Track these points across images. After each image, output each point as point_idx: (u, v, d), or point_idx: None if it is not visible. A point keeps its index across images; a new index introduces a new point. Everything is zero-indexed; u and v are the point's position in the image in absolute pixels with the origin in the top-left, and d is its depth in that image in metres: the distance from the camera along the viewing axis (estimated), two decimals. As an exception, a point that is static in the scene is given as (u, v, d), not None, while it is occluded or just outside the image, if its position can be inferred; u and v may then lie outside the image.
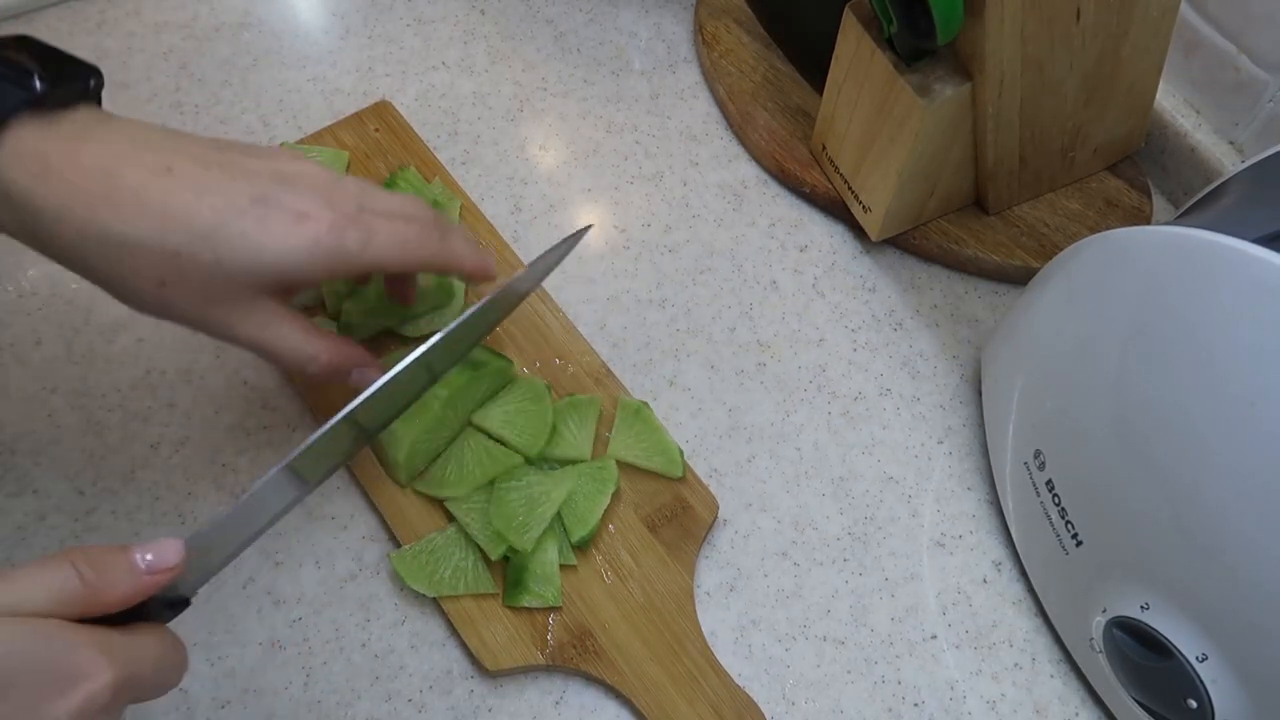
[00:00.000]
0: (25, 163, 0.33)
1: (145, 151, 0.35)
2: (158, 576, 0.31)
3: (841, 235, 0.61)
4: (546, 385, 0.50)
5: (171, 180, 0.35)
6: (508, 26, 0.68)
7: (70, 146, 0.34)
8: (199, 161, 0.36)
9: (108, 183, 0.34)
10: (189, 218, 0.35)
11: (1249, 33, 0.57)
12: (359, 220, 0.38)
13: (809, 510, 0.52)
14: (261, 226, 0.36)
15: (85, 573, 0.29)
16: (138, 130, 0.36)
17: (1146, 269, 0.40)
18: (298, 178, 0.38)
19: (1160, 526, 0.38)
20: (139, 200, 0.34)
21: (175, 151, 0.36)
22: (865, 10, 0.52)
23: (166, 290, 0.36)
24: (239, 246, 0.35)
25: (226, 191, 0.36)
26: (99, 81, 0.37)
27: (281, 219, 0.36)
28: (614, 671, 0.45)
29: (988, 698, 0.47)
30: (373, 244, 0.38)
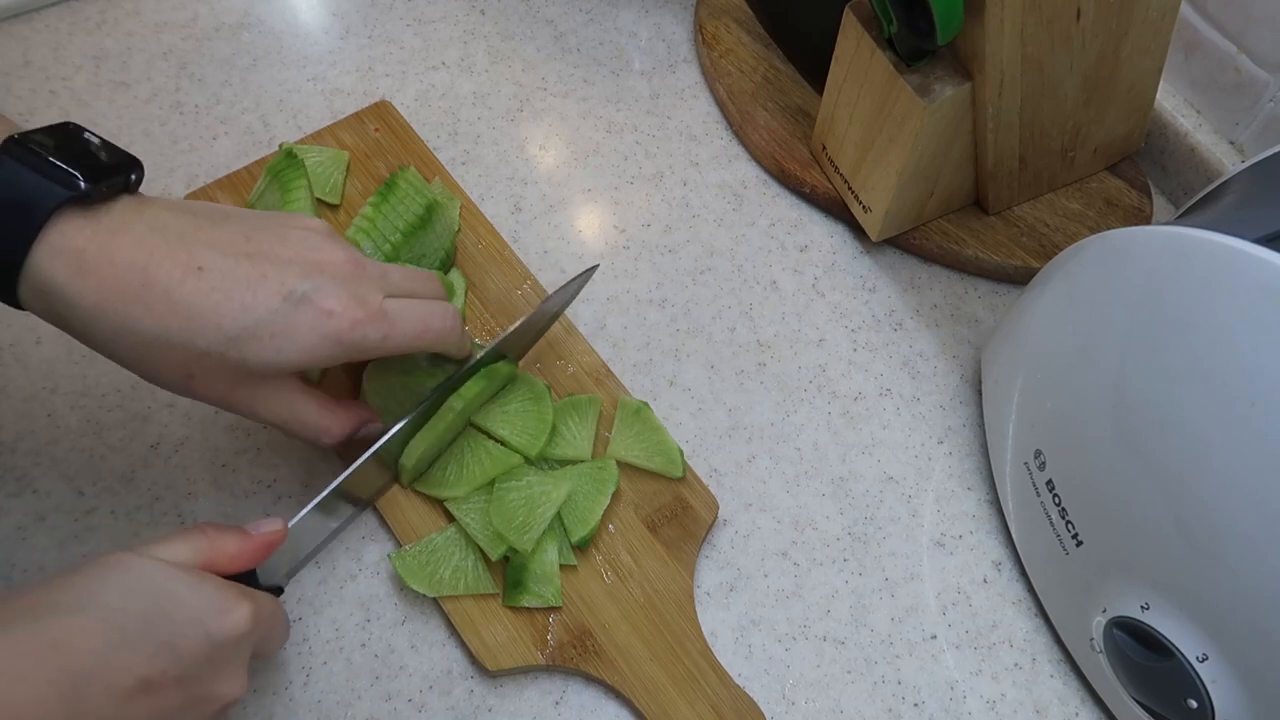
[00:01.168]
0: (64, 259, 0.35)
1: (178, 247, 0.36)
2: (265, 538, 0.39)
3: (841, 235, 0.61)
4: (546, 385, 0.50)
5: (202, 279, 0.36)
6: (508, 26, 0.68)
7: (107, 243, 0.35)
8: (230, 255, 0.37)
9: (140, 281, 0.35)
10: (218, 319, 0.36)
11: (1249, 33, 0.57)
12: (381, 315, 0.40)
13: (809, 510, 0.52)
14: (288, 326, 0.37)
15: (212, 534, 0.37)
16: (172, 220, 0.37)
17: (1146, 269, 0.40)
18: (325, 268, 0.39)
19: (1160, 526, 0.38)
20: (170, 300, 0.36)
21: (207, 246, 0.37)
22: (865, 10, 0.52)
23: (194, 381, 0.38)
24: (268, 346, 0.37)
25: (256, 290, 0.37)
26: (139, 176, 0.38)
27: (307, 319, 0.38)
28: (614, 671, 0.45)
29: (988, 698, 0.47)
30: (392, 337, 0.40)
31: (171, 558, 0.35)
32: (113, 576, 0.33)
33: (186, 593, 0.34)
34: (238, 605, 0.35)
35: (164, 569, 0.34)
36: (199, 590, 0.35)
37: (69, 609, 0.32)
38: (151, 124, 0.61)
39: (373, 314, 0.39)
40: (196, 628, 0.34)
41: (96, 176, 0.35)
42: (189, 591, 0.34)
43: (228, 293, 0.36)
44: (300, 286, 0.37)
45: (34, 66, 0.62)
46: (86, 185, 0.35)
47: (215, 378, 0.38)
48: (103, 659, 0.31)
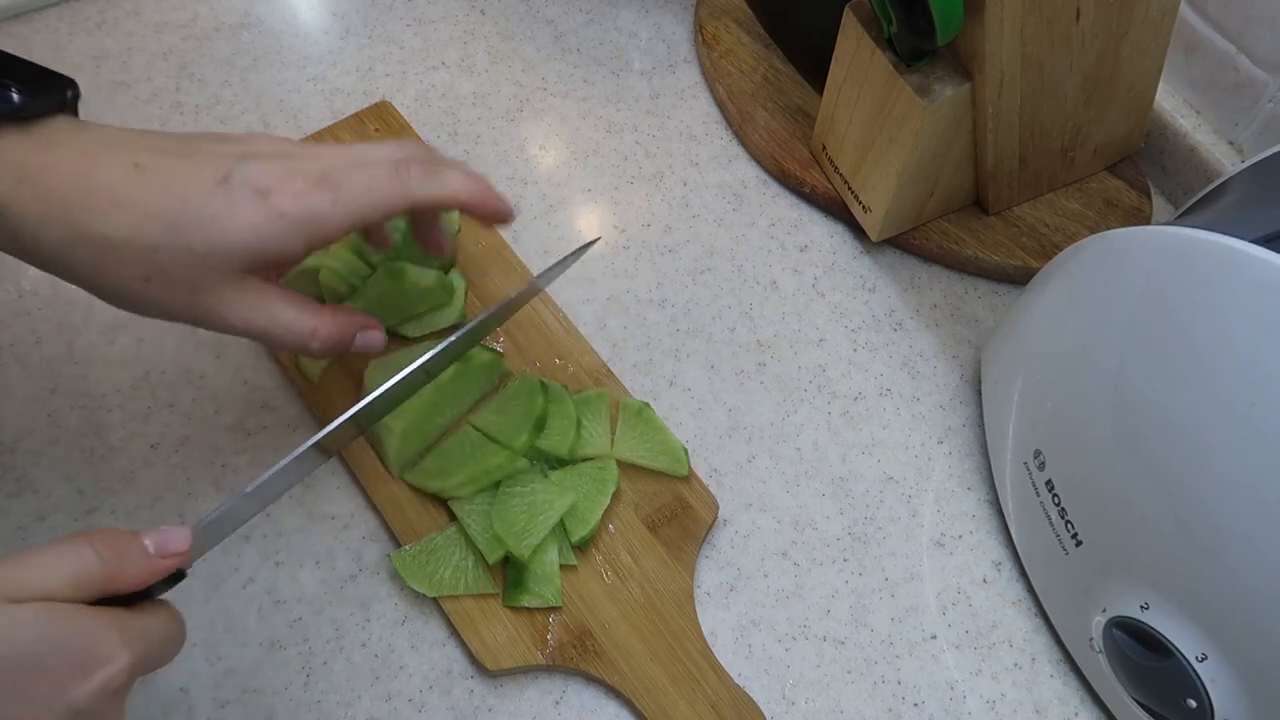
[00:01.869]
0: (4, 173, 0.34)
1: (117, 151, 0.36)
2: (168, 561, 0.33)
3: (841, 235, 0.61)
4: (540, 381, 0.50)
5: (140, 175, 0.35)
6: (508, 26, 0.68)
7: (47, 154, 0.35)
8: (167, 153, 0.36)
9: (83, 185, 0.34)
10: (159, 208, 0.35)
11: (1249, 33, 0.57)
12: (324, 181, 0.37)
13: (809, 510, 0.52)
14: (227, 207, 0.36)
15: (104, 553, 0.31)
16: (111, 133, 0.37)
17: (1146, 269, 0.40)
18: (262, 153, 0.37)
19: (1160, 526, 0.38)
20: (113, 198, 0.35)
21: (145, 148, 0.36)
22: (865, 10, 0.52)
23: (152, 286, 0.36)
24: (210, 230, 0.35)
25: (192, 177, 0.36)
26: (75, 93, 0.37)
27: (245, 197, 0.36)
28: (614, 671, 0.45)
29: (988, 698, 0.47)
30: (341, 200, 0.37)
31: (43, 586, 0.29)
32: None
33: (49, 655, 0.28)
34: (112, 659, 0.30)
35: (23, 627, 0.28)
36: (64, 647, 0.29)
37: None
38: (151, 124, 0.61)
39: (313, 181, 0.37)
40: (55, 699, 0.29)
41: (31, 91, 0.35)
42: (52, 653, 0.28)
43: (166, 184, 0.35)
44: (236, 169, 0.36)
45: (34, 66, 0.62)
46: (20, 99, 0.34)
47: (173, 280, 0.36)
48: None
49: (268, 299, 0.38)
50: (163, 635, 0.32)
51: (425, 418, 0.47)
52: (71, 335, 0.53)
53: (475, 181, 0.41)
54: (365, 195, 0.38)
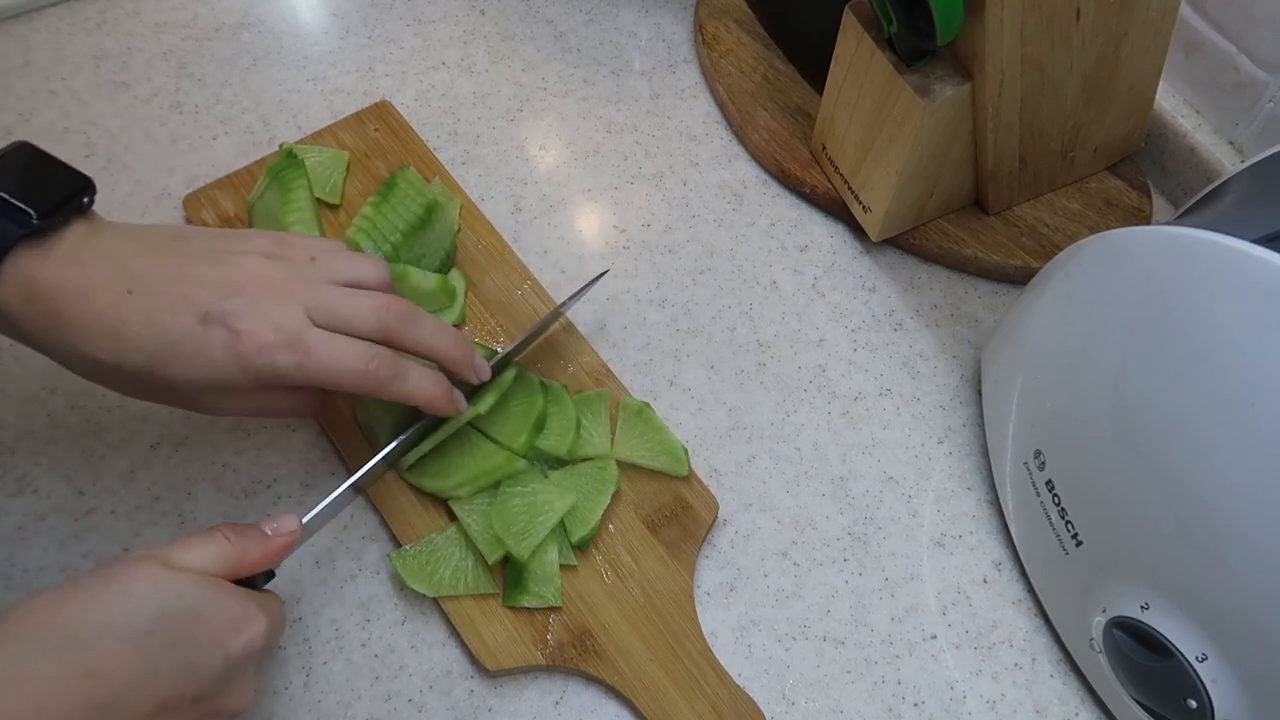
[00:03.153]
0: (16, 288, 0.37)
1: (116, 273, 0.38)
2: (282, 539, 0.39)
3: (841, 235, 0.61)
4: (540, 381, 0.50)
5: (130, 304, 0.38)
6: (508, 26, 0.68)
7: (55, 271, 0.38)
8: (159, 278, 0.39)
9: (80, 307, 0.37)
10: (141, 340, 0.38)
11: (1249, 33, 0.57)
12: (295, 343, 0.39)
13: (809, 510, 0.52)
14: (203, 346, 0.38)
15: (232, 539, 0.37)
16: (117, 246, 0.39)
17: (1146, 269, 0.40)
18: (246, 288, 0.39)
19: (1160, 526, 0.38)
20: (102, 324, 0.38)
21: (142, 271, 0.39)
22: (865, 10, 0.52)
23: (146, 393, 0.40)
24: (185, 367, 0.38)
25: (175, 310, 0.38)
26: (91, 198, 0.40)
27: (220, 338, 0.38)
28: (614, 671, 0.45)
29: (988, 698, 0.47)
30: (305, 367, 0.39)
31: (195, 565, 0.36)
32: (141, 593, 0.33)
33: (209, 611, 0.35)
34: (255, 622, 0.36)
35: (189, 585, 0.34)
36: (221, 608, 0.35)
37: (100, 632, 0.32)
38: (151, 124, 0.61)
39: (285, 339, 0.38)
40: (216, 648, 0.34)
41: (49, 210, 0.38)
42: (211, 610, 0.35)
43: (150, 314, 0.38)
44: (216, 306, 0.38)
45: (34, 66, 0.62)
46: (39, 221, 0.37)
47: (163, 393, 0.39)
48: (130, 686, 0.32)
49: (252, 395, 0.41)
50: (279, 614, 0.38)
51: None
52: (71, 335, 0.53)
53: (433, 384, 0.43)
54: (329, 371, 0.40)
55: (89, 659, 0.32)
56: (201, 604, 0.34)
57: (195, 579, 0.35)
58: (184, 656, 0.34)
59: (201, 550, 0.36)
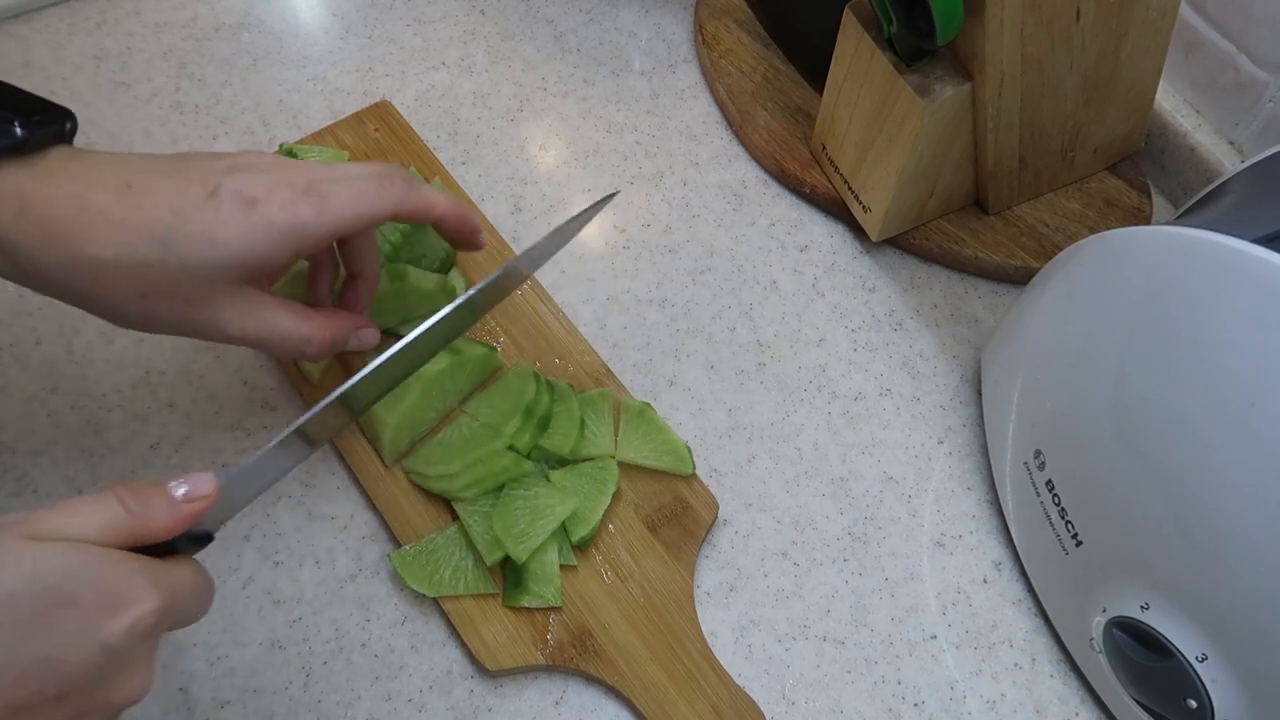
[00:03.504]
0: (6, 202, 0.35)
1: (110, 174, 0.37)
2: (193, 505, 0.33)
3: (841, 235, 0.61)
4: (534, 372, 0.50)
5: (131, 195, 0.36)
6: (508, 26, 0.68)
7: (45, 184, 0.36)
8: (157, 173, 0.37)
9: (77, 208, 0.36)
10: (150, 226, 0.36)
11: (1249, 33, 0.57)
12: (311, 191, 0.38)
13: (809, 510, 0.52)
14: (216, 219, 0.36)
15: (129, 502, 0.31)
16: (104, 158, 0.38)
17: (1146, 269, 0.40)
18: (249, 165, 0.38)
19: (1160, 526, 0.38)
20: (105, 219, 0.36)
21: (136, 169, 0.37)
22: (865, 10, 0.52)
23: (149, 302, 0.37)
24: (200, 243, 0.36)
25: (181, 193, 0.37)
26: (74, 125, 0.39)
27: (233, 208, 0.37)
28: (614, 671, 0.45)
29: (988, 698, 0.47)
30: (328, 209, 0.38)
31: (73, 532, 0.30)
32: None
33: (77, 590, 0.29)
34: (141, 599, 0.30)
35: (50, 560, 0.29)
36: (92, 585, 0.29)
37: None
38: (151, 124, 0.61)
39: (300, 190, 0.38)
40: (86, 636, 0.29)
41: (31, 125, 0.36)
42: (80, 588, 0.29)
43: (156, 201, 0.36)
44: (224, 181, 0.37)
45: (34, 66, 0.62)
46: (22, 132, 0.36)
47: (168, 295, 0.37)
48: None
49: (263, 308, 0.39)
50: (191, 586, 0.33)
51: (418, 410, 0.48)
52: (71, 335, 0.53)
53: (456, 202, 0.43)
54: (351, 204, 0.39)
55: None
56: (66, 583, 0.29)
57: (60, 552, 0.29)
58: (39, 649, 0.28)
59: (85, 514, 0.30)
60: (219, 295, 0.38)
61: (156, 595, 0.30)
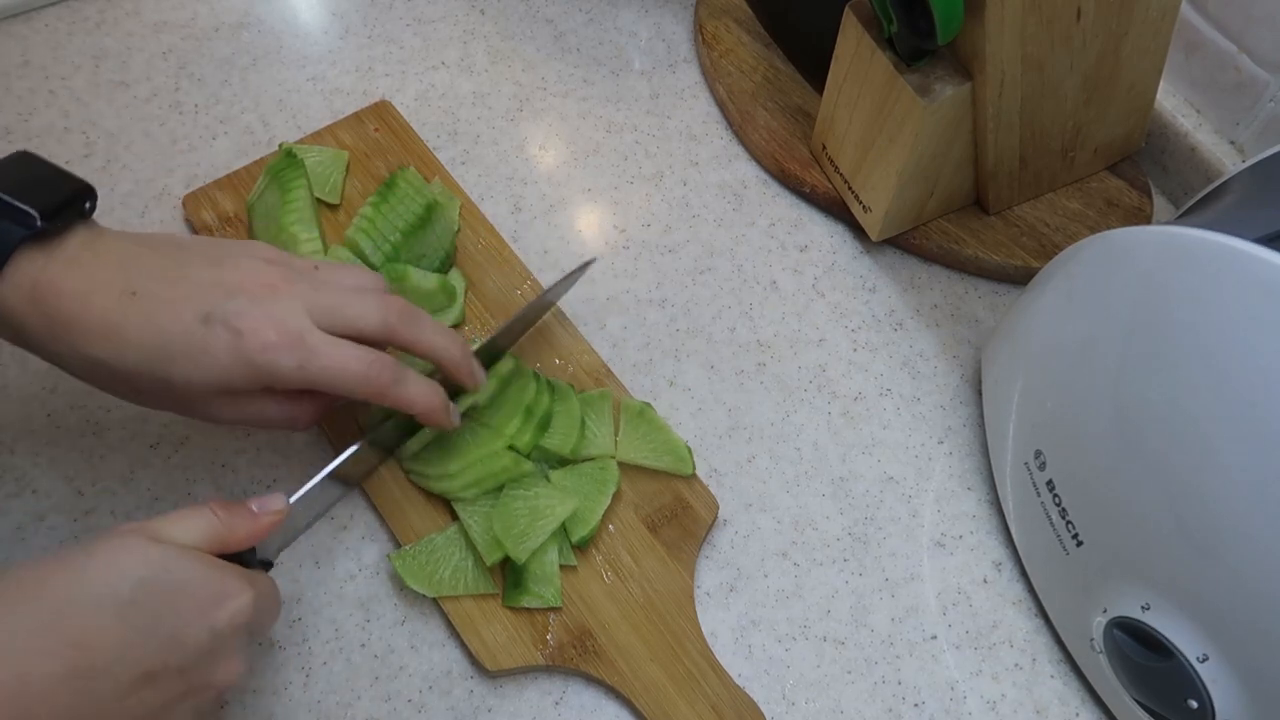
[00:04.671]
0: (19, 292, 0.37)
1: (118, 275, 0.38)
2: (269, 518, 0.39)
3: (841, 235, 0.61)
4: (534, 372, 0.50)
5: (132, 304, 0.38)
6: (508, 26, 0.68)
7: (57, 274, 0.38)
8: (160, 279, 0.39)
9: (81, 308, 0.38)
10: (140, 340, 0.38)
11: (1249, 33, 0.57)
12: (298, 343, 0.39)
13: (809, 510, 0.51)
14: (204, 347, 0.38)
15: (220, 514, 0.37)
16: (118, 249, 0.39)
17: (1146, 269, 0.40)
18: (248, 289, 0.39)
19: (1160, 526, 0.38)
20: (103, 325, 0.38)
21: (142, 272, 0.39)
22: (865, 10, 0.52)
23: (144, 397, 0.40)
24: (185, 366, 0.38)
25: (176, 311, 0.38)
26: (93, 204, 0.40)
27: (221, 338, 0.38)
28: (614, 671, 0.45)
29: (988, 698, 0.47)
30: (308, 367, 0.39)
31: (181, 539, 0.36)
32: (124, 564, 0.34)
33: (194, 583, 0.35)
34: (240, 594, 0.36)
35: (173, 557, 0.34)
36: (205, 580, 0.35)
37: (84, 603, 0.32)
38: (151, 124, 0.61)
39: (288, 339, 0.38)
40: (201, 619, 0.34)
41: (52, 212, 0.38)
42: (196, 582, 0.35)
43: (150, 315, 0.38)
44: (218, 306, 0.38)
45: (34, 66, 0.62)
46: (42, 223, 0.37)
47: (160, 395, 0.39)
48: (114, 655, 0.32)
49: (250, 402, 0.40)
50: (269, 591, 0.38)
51: None
52: (71, 335, 0.53)
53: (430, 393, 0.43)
54: (331, 374, 0.40)
55: (73, 629, 0.32)
56: (185, 576, 0.34)
57: (179, 551, 0.35)
58: (167, 627, 0.34)
59: (188, 524, 0.36)
60: (207, 400, 0.40)
61: (250, 593, 0.36)
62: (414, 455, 0.48)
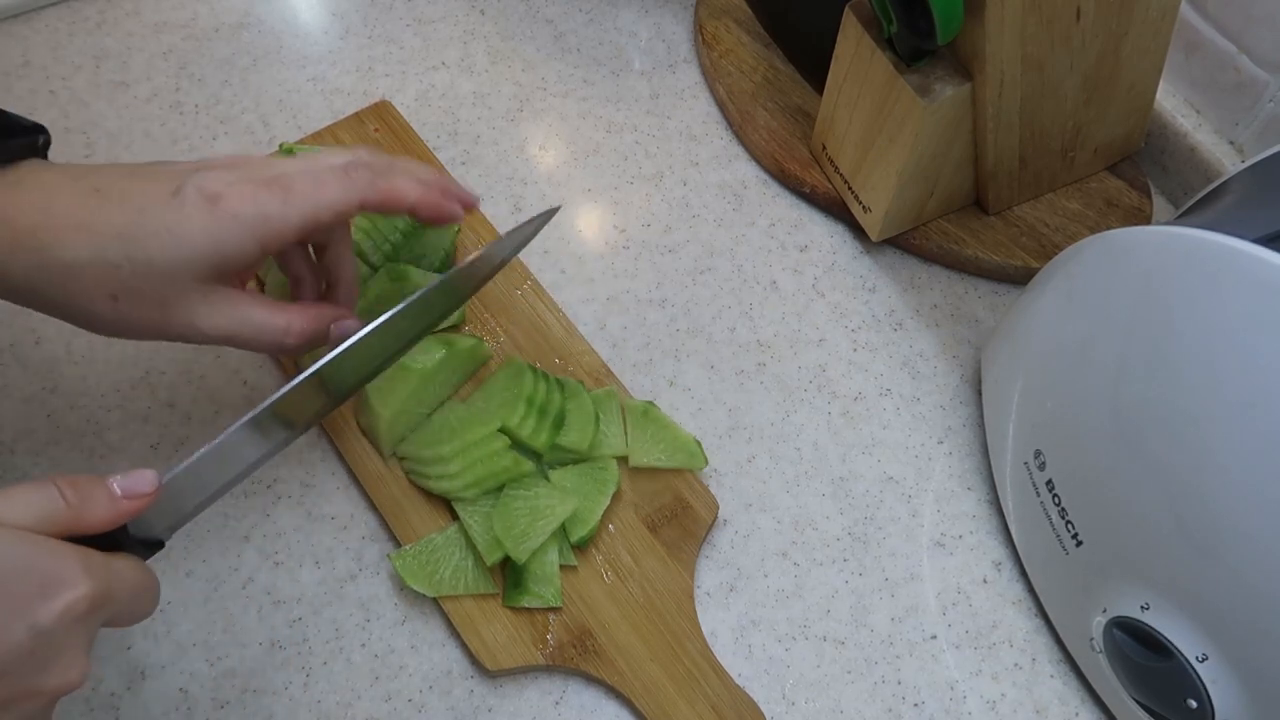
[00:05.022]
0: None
1: (77, 181, 0.37)
2: (133, 502, 0.33)
3: (841, 235, 0.61)
4: (530, 366, 0.50)
5: (98, 198, 0.37)
6: (508, 26, 0.68)
7: (13, 192, 0.36)
8: (124, 177, 0.38)
9: (45, 214, 0.36)
10: (117, 227, 0.36)
11: (1249, 33, 0.57)
12: (274, 183, 0.38)
13: (809, 510, 0.52)
14: (180, 216, 0.37)
15: (67, 494, 0.31)
16: (75, 169, 0.38)
17: (1146, 269, 0.40)
18: (214, 165, 0.39)
19: (1160, 526, 0.38)
20: (73, 222, 0.36)
21: (103, 175, 0.38)
22: (865, 10, 0.52)
23: (120, 304, 0.37)
24: (166, 242, 0.36)
25: (145, 194, 0.37)
26: (46, 139, 0.39)
27: (197, 204, 0.37)
28: (614, 671, 0.45)
29: (988, 698, 0.47)
30: (292, 200, 0.38)
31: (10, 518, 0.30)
32: None
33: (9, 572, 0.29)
34: (73, 582, 0.30)
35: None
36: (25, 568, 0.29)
37: None
38: (151, 124, 0.61)
39: (263, 183, 0.38)
40: (16, 618, 0.29)
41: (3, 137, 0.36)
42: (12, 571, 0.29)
43: (121, 204, 0.37)
44: (188, 180, 0.37)
45: (34, 66, 0.62)
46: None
47: (140, 296, 0.37)
48: None
49: (236, 303, 0.39)
50: (132, 581, 0.33)
51: (411, 403, 0.48)
52: (71, 335, 0.53)
53: (424, 184, 0.42)
54: (314, 194, 0.39)
55: None
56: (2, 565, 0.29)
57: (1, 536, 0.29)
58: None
59: (22, 502, 0.31)
60: (190, 294, 0.38)
61: (89, 581, 0.30)
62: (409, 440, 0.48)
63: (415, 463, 0.48)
